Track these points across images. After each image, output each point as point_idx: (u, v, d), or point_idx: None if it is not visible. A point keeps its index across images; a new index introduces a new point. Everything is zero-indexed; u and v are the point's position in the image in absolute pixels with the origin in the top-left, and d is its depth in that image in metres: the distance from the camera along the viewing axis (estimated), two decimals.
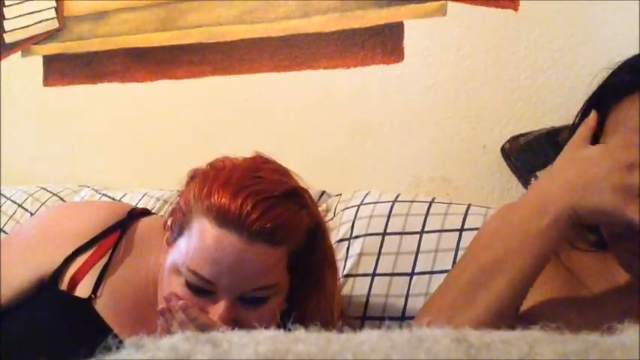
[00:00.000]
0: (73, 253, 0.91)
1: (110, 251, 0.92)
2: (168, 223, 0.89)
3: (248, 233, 0.79)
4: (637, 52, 0.84)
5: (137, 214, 0.99)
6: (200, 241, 0.81)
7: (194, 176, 0.88)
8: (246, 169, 0.85)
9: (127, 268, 0.93)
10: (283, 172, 0.88)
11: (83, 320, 0.88)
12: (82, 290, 0.89)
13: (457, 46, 1.35)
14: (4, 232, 1.43)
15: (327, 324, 0.86)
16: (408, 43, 1.38)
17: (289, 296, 0.89)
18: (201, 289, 0.82)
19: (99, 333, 0.83)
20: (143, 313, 0.90)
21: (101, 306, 0.89)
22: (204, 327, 0.78)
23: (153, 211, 1.14)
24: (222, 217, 0.80)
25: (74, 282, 0.90)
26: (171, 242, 0.87)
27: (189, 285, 0.82)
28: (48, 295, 0.90)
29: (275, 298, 0.85)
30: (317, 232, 0.89)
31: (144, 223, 0.98)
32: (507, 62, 1.31)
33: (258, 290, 0.83)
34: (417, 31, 1.37)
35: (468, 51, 1.34)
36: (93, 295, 0.89)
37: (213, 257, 0.80)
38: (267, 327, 0.78)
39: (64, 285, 0.90)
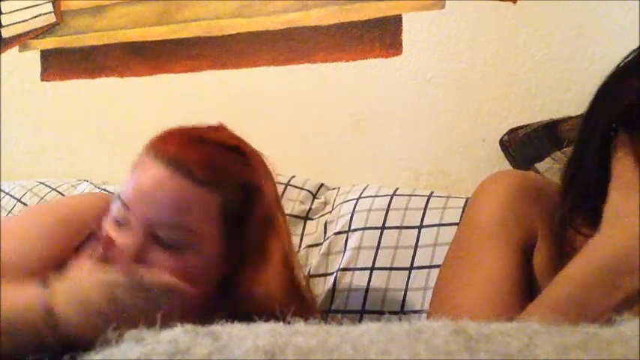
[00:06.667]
0: None
1: None
2: None
3: (169, 162, 0.81)
4: (636, 45, 0.82)
5: None
6: (131, 172, 0.85)
7: None
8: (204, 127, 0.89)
9: None
10: (240, 139, 0.89)
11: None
12: None
13: (456, 39, 1.34)
14: None
15: (275, 299, 0.81)
16: (406, 36, 1.38)
17: (230, 263, 0.84)
18: (119, 218, 0.82)
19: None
20: None
21: None
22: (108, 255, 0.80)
23: None
24: (151, 148, 0.85)
25: None
26: None
27: (112, 217, 0.83)
28: None
29: (195, 251, 0.81)
30: (255, 192, 0.85)
31: None
32: (506, 55, 1.30)
33: (173, 229, 0.79)
34: (415, 24, 1.37)
35: (467, 44, 1.33)
36: None
37: (135, 181, 0.82)
38: (192, 284, 0.75)
39: None
